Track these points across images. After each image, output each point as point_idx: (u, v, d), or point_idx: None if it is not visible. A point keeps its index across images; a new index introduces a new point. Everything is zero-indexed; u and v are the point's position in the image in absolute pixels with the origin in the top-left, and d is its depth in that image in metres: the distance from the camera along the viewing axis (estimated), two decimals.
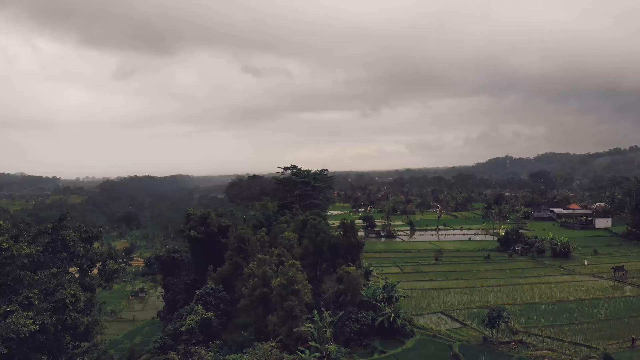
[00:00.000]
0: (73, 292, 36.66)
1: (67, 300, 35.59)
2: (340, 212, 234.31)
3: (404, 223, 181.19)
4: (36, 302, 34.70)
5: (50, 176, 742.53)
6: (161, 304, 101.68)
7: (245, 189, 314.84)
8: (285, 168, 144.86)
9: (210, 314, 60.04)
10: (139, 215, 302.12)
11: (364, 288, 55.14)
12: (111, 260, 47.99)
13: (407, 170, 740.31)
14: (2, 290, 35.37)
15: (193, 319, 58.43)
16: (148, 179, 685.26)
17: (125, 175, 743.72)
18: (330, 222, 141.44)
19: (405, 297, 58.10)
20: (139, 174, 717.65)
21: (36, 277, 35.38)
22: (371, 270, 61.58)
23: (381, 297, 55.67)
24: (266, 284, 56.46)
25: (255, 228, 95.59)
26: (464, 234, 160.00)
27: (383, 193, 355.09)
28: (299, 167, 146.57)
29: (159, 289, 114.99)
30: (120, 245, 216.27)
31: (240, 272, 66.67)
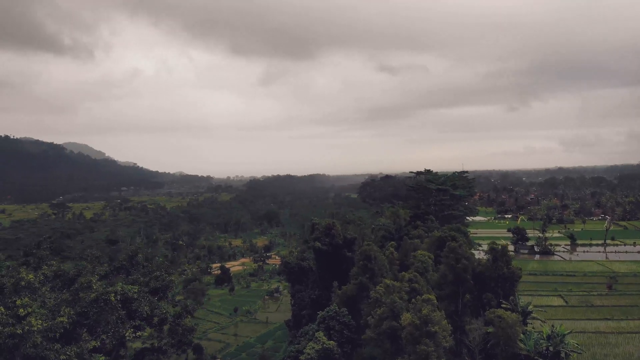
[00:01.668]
0: None
1: None
2: (482, 219, 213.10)
3: (561, 235, 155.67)
4: None
5: (205, 175, 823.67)
6: None
7: (378, 190, 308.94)
8: (419, 173, 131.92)
9: (332, 342, 53.36)
10: (279, 213, 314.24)
11: (522, 335, 43.10)
12: (188, 316, 42.72)
13: (560, 169, 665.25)
14: None
15: (313, 348, 52.32)
16: (289, 178, 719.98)
17: (269, 175, 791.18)
18: (471, 230, 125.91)
19: (579, 352, 44.33)
20: (281, 173, 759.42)
21: (63, 357, 30.03)
22: (530, 311, 48.83)
23: (544, 347, 42.96)
24: (395, 316, 47.73)
25: (384, 239, 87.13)
26: (639, 252, 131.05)
27: (532, 195, 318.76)
28: (434, 171, 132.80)
29: None
30: (260, 242, 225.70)
31: (366, 294, 59.03)
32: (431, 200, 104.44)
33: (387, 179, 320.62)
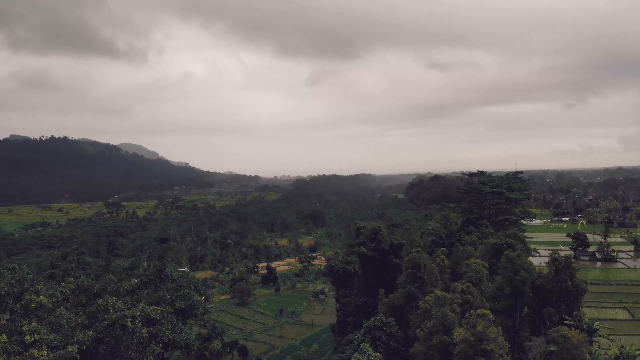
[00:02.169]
0: None
1: None
2: (538, 222, 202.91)
3: (624, 240, 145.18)
4: None
5: (253, 175, 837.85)
6: None
7: (426, 190, 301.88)
8: (471, 174, 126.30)
9: (378, 355, 51.12)
10: (324, 213, 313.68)
11: (588, 356, 39.35)
12: (216, 339, 40.55)
13: (620, 169, 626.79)
14: None
15: None
16: (334, 178, 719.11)
17: (315, 174, 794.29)
18: (526, 234, 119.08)
19: None
20: (327, 173, 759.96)
21: None
22: (597, 329, 44.65)
23: None
24: (446, 331, 45.01)
25: (434, 245, 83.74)
26: None
27: (591, 197, 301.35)
28: (487, 172, 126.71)
29: None
30: (305, 242, 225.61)
31: (414, 305, 56.39)
32: (485, 204, 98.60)
33: (436, 179, 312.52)
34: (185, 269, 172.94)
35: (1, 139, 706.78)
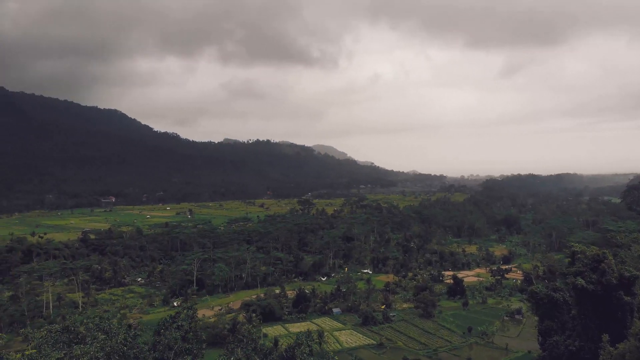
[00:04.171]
0: None
1: None
2: None
3: None
4: None
5: (437, 174, 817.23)
6: None
7: None
8: None
9: None
10: (519, 218, 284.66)
11: None
12: None
13: None
14: None
15: None
16: (531, 178, 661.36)
17: (509, 174, 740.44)
18: None
19: None
20: (522, 172, 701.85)
21: None
22: None
23: None
24: None
25: None
26: None
27: None
28: None
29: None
30: (498, 251, 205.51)
31: None
32: None
33: None
34: (368, 271, 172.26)
35: (217, 142, 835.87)
